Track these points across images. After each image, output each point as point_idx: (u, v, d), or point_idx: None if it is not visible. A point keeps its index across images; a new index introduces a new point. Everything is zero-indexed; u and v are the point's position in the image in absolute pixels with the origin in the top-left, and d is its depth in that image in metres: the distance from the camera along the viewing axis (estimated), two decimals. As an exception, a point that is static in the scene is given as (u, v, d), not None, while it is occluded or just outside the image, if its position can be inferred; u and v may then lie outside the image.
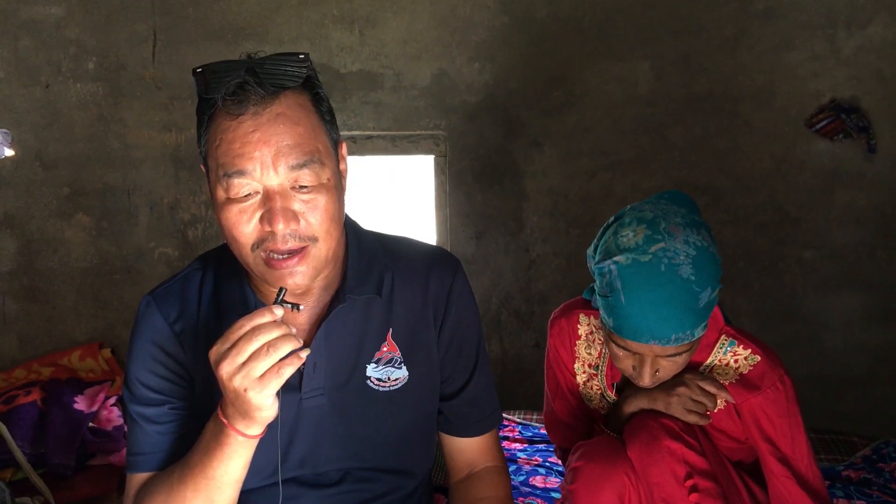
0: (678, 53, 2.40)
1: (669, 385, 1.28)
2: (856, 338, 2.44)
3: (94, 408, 2.10)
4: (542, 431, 2.02)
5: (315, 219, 0.96)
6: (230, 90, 0.92)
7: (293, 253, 0.95)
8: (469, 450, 1.21)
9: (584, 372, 1.40)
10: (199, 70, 0.96)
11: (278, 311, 0.90)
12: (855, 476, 1.77)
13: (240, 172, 0.93)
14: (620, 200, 2.45)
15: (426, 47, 2.45)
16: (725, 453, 1.33)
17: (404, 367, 1.11)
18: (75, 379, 2.28)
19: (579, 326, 1.38)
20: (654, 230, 1.13)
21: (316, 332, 1.06)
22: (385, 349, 1.10)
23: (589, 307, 1.36)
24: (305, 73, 0.97)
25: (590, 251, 1.26)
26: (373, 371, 1.10)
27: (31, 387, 2.17)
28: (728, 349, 1.29)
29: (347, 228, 1.13)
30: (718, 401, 1.28)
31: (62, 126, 2.48)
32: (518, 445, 1.99)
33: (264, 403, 0.88)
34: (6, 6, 2.43)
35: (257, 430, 0.93)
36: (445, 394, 1.18)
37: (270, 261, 0.96)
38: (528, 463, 1.86)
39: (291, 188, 0.95)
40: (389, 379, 1.10)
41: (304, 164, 0.94)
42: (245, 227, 0.95)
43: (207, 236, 2.54)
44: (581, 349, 1.39)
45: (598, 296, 1.21)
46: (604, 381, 1.38)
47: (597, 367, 1.39)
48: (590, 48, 2.42)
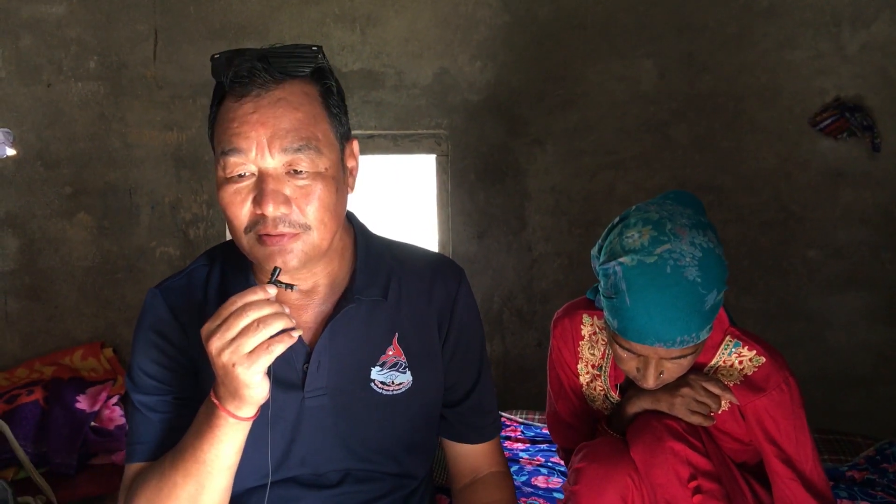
0: (681, 51, 2.39)
1: (673, 386, 1.27)
2: (860, 337, 2.43)
3: (96, 407, 2.10)
4: (545, 431, 2.01)
5: (308, 206, 0.96)
6: (239, 73, 0.94)
7: (283, 234, 0.96)
8: (473, 455, 1.21)
9: (588, 372, 1.40)
10: (217, 56, 0.98)
11: (271, 290, 0.90)
12: (858, 477, 1.76)
13: (235, 150, 0.94)
14: (623, 199, 2.44)
15: (428, 46, 2.44)
16: (729, 455, 1.32)
17: (409, 373, 1.11)
18: (77, 378, 2.28)
19: (582, 327, 1.37)
20: (660, 231, 1.12)
21: (322, 332, 1.06)
22: (391, 353, 1.10)
23: (592, 307, 1.36)
24: (315, 65, 0.98)
25: (594, 251, 1.25)
26: (377, 374, 1.09)
27: (34, 386, 2.17)
28: (733, 350, 1.28)
29: (356, 230, 1.14)
30: (723, 402, 1.27)
31: (64, 125, 2.48)
32: (520, 445, 1.98)
33: (252, 380, 0.88)
34: (8, 5, 2.43)
35: (248, 412, 0.92)
36: (450, 401, 1.18)
37: (262, 238, 0.96)
38: (531, 463, 1.86)
39: (287, 173, 0.96)
40: (393, 383, 1.10)
41: (300, 149, 0.95)
42: (238, 209, 0.97)
43: (209, 235, 2.54)
44: (584, 350, 1.38)
45: (603, 297, 1.20)
46: (607, 382, 1.38)
47: (600, 368, 1.38)
48: (592, 46, 2.41)
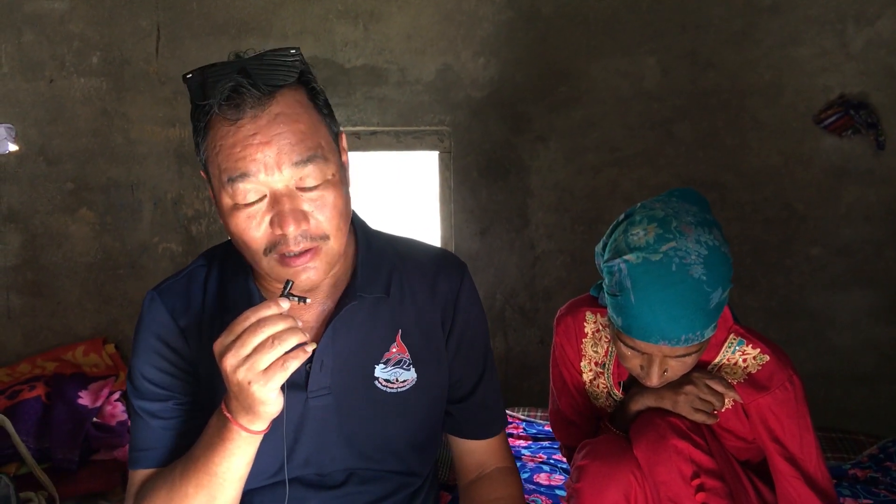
0: (685, 48, 2.38)
1: (677, 383, 1.27)
2: (863, 335, 2.42)
3: (98, 403, 2.11)
4: (547, 428, 2.01)
5: (324, 216, 0.95)
6: (225, 95, 0.90)
7: (305, 252, 0.95)
8: (479, 451, 1.21)
9: (591, 370, 1.39)
10: (190, 76, 0.93)
11: (284, 304, 0.89)
12: (862, 475, 1.76)
13: (243, 175, 0.91)
14: (626, 196, 2.43)
15: (431, 42, 2.43)
16: (733, 453, 1.32)
17: (413, 370, 1.10)
18: (79, 374, 2.28)
19: (586, 324, 1.37)
20: (666, 229, 1.12)
21: (324, 331, 1.05)
22: (394, 350, 1.09)
23: (595, 304, 1.35)
24: (299, 69, 0.95)
25: (598, 248, 1.25)
26: (381, 372, 1.09)
27: (36, 381, 2.17)
28: (737, 348, 1.28)
29: (356, 227, 1.12)
30: (726, 400, 1.27)
31: (66, 121, 2.48)
32: (522, 442, 1.98)
33: (268, 397, 0.87)
34: (10, 0, 2.42)
35: (261, 426, 0.92)
36: (456, 397, 1.17)
37: (284, 259, 0.94)
38: (533, 460, 1.86)
39: (298, 188, 0.94)
40: (398, 380, 1.09)
41: (308, 161, 0.93)
42: (255, 233, 0.94)
43: (211, 232, 2.54)
44: (587, 347, 1.38)
45: (607, 294, 1.19)
46: (610, 380, 1.37)
47: (603, 366, 1.38)
48: (596, 43, 2.40)
